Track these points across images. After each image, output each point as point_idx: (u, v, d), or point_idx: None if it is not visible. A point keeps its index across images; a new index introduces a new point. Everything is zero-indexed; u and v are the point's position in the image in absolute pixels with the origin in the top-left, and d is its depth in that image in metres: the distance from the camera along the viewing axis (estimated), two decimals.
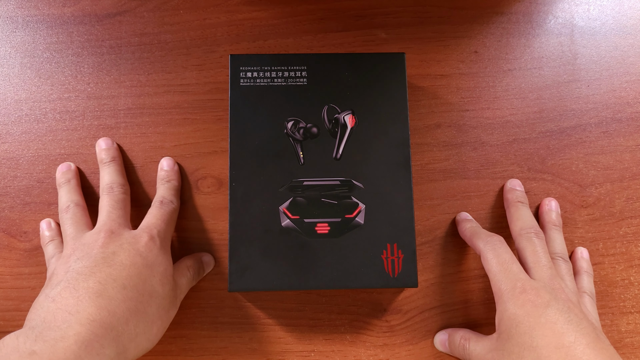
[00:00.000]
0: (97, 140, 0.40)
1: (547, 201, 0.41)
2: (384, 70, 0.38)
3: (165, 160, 0.40)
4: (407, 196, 0.37)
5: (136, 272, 0.32)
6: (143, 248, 0.34)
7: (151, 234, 0.35)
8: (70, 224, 0.36)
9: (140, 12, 0.44)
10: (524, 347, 0.31)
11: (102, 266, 0.32)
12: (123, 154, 0.41)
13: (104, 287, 0.31)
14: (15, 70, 0.42)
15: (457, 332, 0.38)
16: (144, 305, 0.32)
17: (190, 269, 0.38)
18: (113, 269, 0.32)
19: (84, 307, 0.29)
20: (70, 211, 0.37)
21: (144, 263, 0.33)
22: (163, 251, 0.35)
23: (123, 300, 0.31)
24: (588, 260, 0.40)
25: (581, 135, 0.43)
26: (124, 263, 0.32)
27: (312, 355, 0.39)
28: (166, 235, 0.36)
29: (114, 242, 0.34)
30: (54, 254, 0.37)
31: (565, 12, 0.45)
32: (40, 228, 0.39)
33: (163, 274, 0.34)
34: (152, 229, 0.36)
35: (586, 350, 0.30)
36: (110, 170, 0.39)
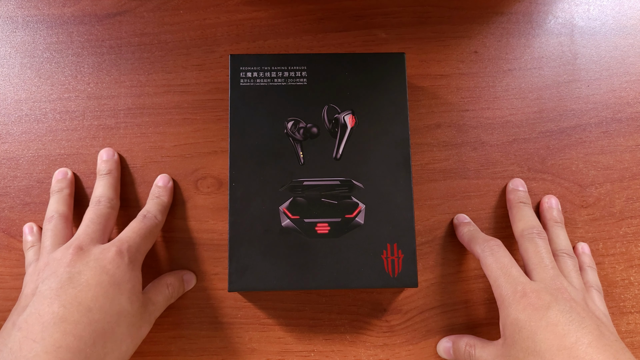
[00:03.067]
0: (100, 150, 0.41)
1: (547, 199, 0.41)
2: (384, 70, 0.38)
3: (161, 177, 0.41)
4: (407, 196, 0.37)
5: (102, 291, 0.32)
6: (110, 265, 0.33)
7: (120, 248, 0.34)
8: (49, 236, 0.36)
9: (140, 12, 0.44)
10: (527, 352, 0.31)
11: (67, 287, 0.31)
12: (123, 154, 0.41)
13: (69, 311, 0.30)
14: (15, 70, 0.42)
15: (462, 339, 0.37)
16: (111, 325, 0.31)
17: (170, 286, 0.38)
18: (78, 290, 0.31)
19: (49, 333, 0.29)
20: (52, 222, 0.37)
21: (110, 281, 0.32)
22: (131, 267, 0.34)
23: (89, 323, 0.30)
24: (590, 254, 0.40)
25: (581, 135, 0.43)
26: (90, 283, 0.32)
27: (312, 355, 0.39)
28: (138, 250, 0.35)
29: (81, 260, 0.33)
30: (32, 262, 0.37)
31: (565, 12, 0.45)
32: (23, 232, 0.39)
33: (131, 291, 0.33)
34: (124, 243, 0.35)
35: (588, 350, 0.30)
36: (103, 183, 0.39)
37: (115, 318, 0.32)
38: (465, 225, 0.40)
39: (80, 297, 0.31)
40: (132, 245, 0.35)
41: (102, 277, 0.32)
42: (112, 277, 0.33)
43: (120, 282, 0.33)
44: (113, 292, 0.32)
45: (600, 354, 0.30)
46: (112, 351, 0.31)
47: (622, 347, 0.31)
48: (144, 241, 0.36)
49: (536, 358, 0.31)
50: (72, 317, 0.30)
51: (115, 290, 0.32)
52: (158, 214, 0.38)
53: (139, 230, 0.36)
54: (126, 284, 0.33)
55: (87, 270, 0.32)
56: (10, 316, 0.32)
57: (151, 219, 0.38)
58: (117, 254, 0.34)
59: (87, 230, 0.36)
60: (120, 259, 0.34)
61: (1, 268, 0.40)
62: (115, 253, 0.34)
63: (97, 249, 0.34)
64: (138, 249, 0.35)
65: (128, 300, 0.33)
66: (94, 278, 0.32)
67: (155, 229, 0.38)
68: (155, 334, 0.39)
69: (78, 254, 0.34)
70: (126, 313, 0.32)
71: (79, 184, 0.41)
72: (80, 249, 0.34)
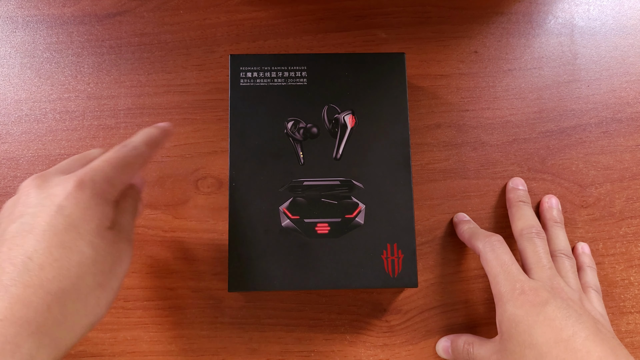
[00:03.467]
0: None
1: (547, 198, 0.41)
2: (384, 70, 0.38)
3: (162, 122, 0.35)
4: (407, 196, 0.37)
5: (56, 241, 0.26)
6: (66, 201, 0.27)
7: (81, 179, 0.28)
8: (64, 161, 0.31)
9: (140, 12, 0.44)
10: (524, 345, 0.31)
11: (19, 237, 0.26)
12: None
13: (18, 272, 0.25)
14: (15, 70, 0.42)
15: (460, 338, 0.38)
16: (70, 280, 0.26)
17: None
18: (28, 240, 0.26)
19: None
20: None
21: (65, 224, 0.26)
22: (95, 201, 0.28)
23: (40, 285, 0.25)
24: (590, 255, 0.40)
25: (581, 135, 0.43)
26: (43, 230, 0.26)
27: (312, 355, 0.39)
28: (107, 180, 0.29)
29: (37, 195, 0.28)
30: None
31: (565, 12, 0.45)
32: None
33: (94, 232, 0.27)
34: (87, 173, 0.28)
35: (585, 343, 0.30)
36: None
37: (75, 271, 0.26)
38: (465, 223, 0.40)
39: (31, 251, 0.26)
40: (97, 174, 0.28)
41: (57, 221, 0.26)
42: (68, 218, 0.27)
43: (79, 223, 0.27)
44: (70, 238, 0.26)
45: (597, 346, 0.30)
46: (76, 311, 0.26)
47: (619, 344, 0.31)
48: (115, 171, 0.29)
49: (532, 351, 0.31)
50: (21, 280, 0.25)
51: (72, 235, 0.27)
52: (141, 144, 0.32)
53: (110, 159, 0.30)
54: (87, 225, 0.27)
55: (41, 212, 0.27)
56: None
57: (130, 148, 0.31)
58: (76, 186, 0.27)
59: (66, 161, 0.31)
60: (81, 192, 0.27)
61: None
62: (74, 186, 0.27)
63: (56, 179, 0.28)
64: (106, 179, 0.29)
65: (89, 245, 0.27)
66: (46, 222, 0.26)
67: (134, 160, 0.31)
68: (155, 333, 0.39)
69: (37, 184, 0.28)
70: (89, 261, 0.27)
71: None
72: (41, 178, 0.29)
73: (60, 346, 0.26)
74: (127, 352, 0.38)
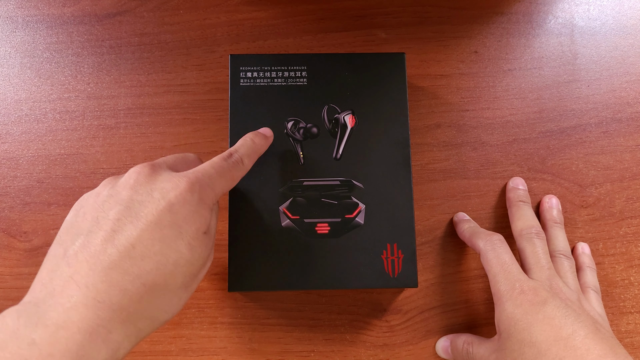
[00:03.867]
0: None
1: (548, 199, 0.41)
2: (384, 70, 0.38)
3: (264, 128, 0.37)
4: (407, 196, 0.37)
5: (160, 235, 0.27)
6: (176, 200, 0.27)
7: (193, 182, 0.28)
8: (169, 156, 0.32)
9: (140, 12, 0.44)
10: (523, 343, 0.31)
11: (124, 221, 0.27)
12: (123, 154, 0.41)
13: (120, 257, 0.26)
14: (15, 70, 0.42)
15: (460, 337, 0.38)
16: (164, 277, 0.26)
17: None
18: (134, 227, 0.26)
19: (93, 282, 0.25)
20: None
21: (171, 222, 0.27)
22: (200, 206, 0.28)
23: (138, 275, 0.26)
24: (590, 255, 0.40)
25: (581, 135, 0.43)
26: (149, 221, 0.27)
27: (312, 355, 0.39)
28: (212, 188, 0.30)
29: (147, 185, 0.28)
30: None
31: (565, 12, 0.45)
32: None
33: (194, 235, 0.28)
34: (198, 176, 0.29)
35: (585, 341, 0.30)
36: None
37: (170, 269, 0.27)
38: (466, 222, 0.40)
39: (135, 239, 0.26)
40: (206, 180, 0.29)
41: (164, 216, 0.27)
42: (175, 216, 0.27)
43: (183, 224, 0.27)
44: (172, 236, 0.27)
45: (597, 345, 0.30)
46: (161, 307, 0.27)
47: (618, 343, 0.31)
48: (221, 181, 0.30)
49: (532, 349, 0.31)
50: (122, 265, 0.25)
51: (174, 233, 0.27)
52: (246, 157, 0.33)
53: (219, 168, 0.31)
54: (189, 227, 0.28)
55: (149, 203, 0.27)
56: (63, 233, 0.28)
57: (236, 161, 0.32)
58: (188, 188, 0.28)
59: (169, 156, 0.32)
60: (190, 194, 0.28)
61: (1, 268, 0.40)
62: (186, 187, 0.28)
63: (167, 175, 0.29)
64: (212, 187, 0.30)
65: (187, 246, 0.27)
66: (154, 214, 0.27)
67: (237, 173, 0.32)
68: (155, 333, 0.39)
69: (146, 172, 0.29)
70: (184, 262, 0.27)
71: (79, 183, 0.41)
72: (150, 167, 0.29)
73: (139, 338, 0.27)
74: None
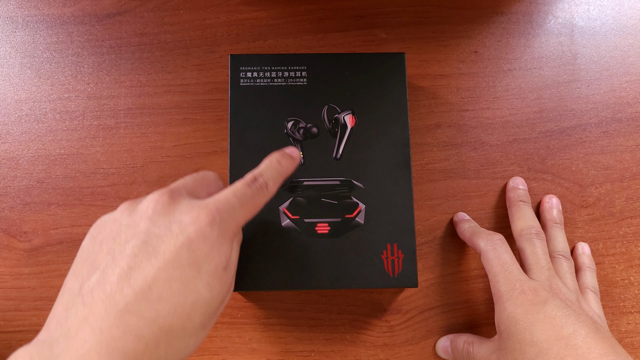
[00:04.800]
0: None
1: (548, 199, 0.41)
2: (384, 70, 0.38)
3: (291, 147, 0.34)
4: (407, 196, 0.37)
5: (178, 274, 0.25)
6: (196, 236, 0.26)
7: (214, 215, 0.26)
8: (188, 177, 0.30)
9: (140, 12, 0.44)
10: (524, 343, 0.31)
11: (141, 258, 0.25)
12: (123, 154, 0.41)
13: (136, 299, 0.24)
14: (15, 70, 0.42)
15: (460, 337, 0.38)
16: (182, 320, 0.25)
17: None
18: (151, 265, 0.25)
19: (108, 326, 0.23)
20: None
21: (190, 260, 0.25)
22: (220, 241, 0.27)
23: (154, 319, 0.24)
24: (590, 255, 0.40)
25: (581, 135, 0.43)
26: (167, 258, 0.25)
27: (312, 355, 0.39)
28: (234, 220, 0.28)
29: (165, 216, 0.26)
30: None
31: (565, 12, 0.45)
32: None
33: (213, 273, 0.26)
34: (219, 208, 0.27)
35: (586, 340, 0.30)
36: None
37: (188, 310, 0.25)
38: (466, 222, 0.40)
39: (152, 280, 0.24)
40: (228, 212, 0.27)
41: (182, 254, 0.25)
42: (194, 253, 0.26)
43: (202, 261, 0.26)
44: (191, 275, 0.25)
45: (598, 344, 0.30)
46: (177, 350, 0.25)
47: (618, 343, 0.31)
48: (243, 210, 0.28)
49: (533, 348, 0.31)
50: (138, 308, 0.24)
51: (194, 272, 0.25)
52: (271, 182, 0.30)
53: (242, 195, 0.28)
54: (208, 265, 0.26)
55: (168, 237, 0.26)
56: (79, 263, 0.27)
57: (261, 186, 0.30)
58: (208, 222, 0.26)
59: (186, 179, 0.30)
60: (210, 229, 0.26)
61: (1, 268, 0.40)
62: (206, 221, 0.26)
63: (186, 204, 0.27)
64: (234, 219, 0.28)
65: (206, 286, 0.26)
66: (173, 252, 0.25)
67: (261, 200, 0.30)
68: None
69: (164, 202, 0.27)
70: (202, 302, 0.26)
71: (79, 183, 0.41)
72: (171, 197, 0.27)
73: None
74: None
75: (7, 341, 0.39)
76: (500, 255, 0.35)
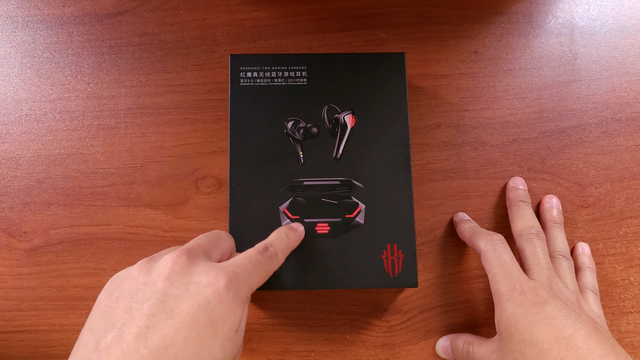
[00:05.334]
0: None
1: (548, 199, 0.41)
2: (384, 70, 0.38)
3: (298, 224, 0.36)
4: (407, 196, 0.37)
5: (195, 335, 0.25)
6: (213, 297, 0.27)
7: (231, 278, 0.28)
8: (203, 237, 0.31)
9: (140, 12, 0.44)
10: (524, 343, 0.31)
11: (158, 318, 0.25)
12: (123, 154, 0.41)
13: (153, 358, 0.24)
14: (15, 70, 0.42)
15: (460, 337, 0.38)
16: None
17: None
18: (168, 326, 0.25)
19: None
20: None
21: (207, 321, 0.26)
22: (235, 304, 0.28)
23: None
24: (590, 255, 0.40)
25: (581, 135, 0.43)
26: (184, 319, 0.26)
27: (312, 355, 0.39)
28: (248, 285, 0.29)
29: (183, 277, 0.27)
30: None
31: (565, 12, 0.45)
32: None
33: (227, 335, 0.27)
34: (236, 272, 0.28)
35: (587, 340, 0.30)
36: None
37: None
38: (466, 222, 0.40)
39: (169, 340, 0.25)
40: (244, 277, 0.29)
41: (200, 315, 0.26)
42: (210, 315, 0.26)
43: (218, 323, 0.26)
44: (207, 336, 0.26)
45: (598, 344, 0.30)
46: None
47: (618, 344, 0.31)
48: (257, 276, 0.30)
49: (533, 349, 0.31)
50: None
51: (209, 333, 0.26)
52: (280, 252, 0.33)
53: (256, 262, 0.30)
54: (223, 326, 0.27)
55: (185, 298, 0.26)
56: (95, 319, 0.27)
57: (272, 255, 0.32)
58: (225, 285, 0.27)
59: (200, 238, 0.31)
60: (227, 291, 0.27)
61: (1, 268, 0.40)
62: (225, 284, 0.27)
63: (204, 266, 0.28)
64: (248, 284, 0.29)
65: (220, 347, 0.26)
66: (190, 313, 0.26)
67: (271, 268, 0.32)
68: None
69: (181, 262, 0.28)
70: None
71: (79, 183, 0.41)
72: (186, 255, 0.28)
73: None
74: None
75: (7, 341, 0.39)
76: (500, 255, 0.35)
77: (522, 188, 0.41)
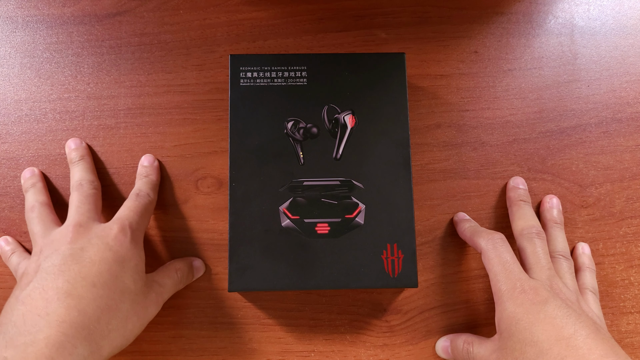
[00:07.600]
0: (67, 142, 0.41)
1: (549, 199, 0.41)
2: (384, 70, 0.38)
3: (145, 156, 0.41)
4: (407, 196, 0.37)
5: (106, 268, 0.32)
6: (113, 241, 0.33)
7: (122, 225, 0.34)
8: (37, 222, 0.36)
9: (140, 12, 0.44)
10: (525, 342, 0.31)
11: (70, 264, 0.31)
12: (123, 154, 0.41)
13: (73, 286, 0.30)
14: (15, 70, 0.42)
15: (460, 337, 0.38)
16: (115, 302, 0.31)
17: (179, 271, 0.38)
18: (82, 266, 0.31)
19: (53, 308, 0.29)
20: (35, 210, 0.37)
21: (114, 258, 0.32)
22: (134, 244, 0.34)
23: (93, 299, 0.30)
24: (590, 255, 0.40)
25: (581, 135, 0.43)
26: (93, 259, 0.32)
27: (312, 355, 0.39)
28: (139, 228, 0.36)
29: (83, 237, 0.33)
30: (20, 261, 0.37)
31: (565, 12, 0.45)
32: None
33: (134, 269, 0.33)
34: (124, 220, 0.35)
35: (587, 341, 0.30)
36: (79, 168, 0.39)
37: (119, 295, 0.32)
38: (466, 221, 0.40)
39: (84, 273, 0.31)
40: (132, 222, 0.35)
41: (106, 254, 0.32)
42: (116, 254, 0.33)
43: (124, 259, 0.33)
44: (117, 269, 0.32)
45: (598, 345, 0.30)
46: (117, 328, 0.31)
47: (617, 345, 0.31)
48: (142, 219, 0.36)
49: (533, 348, 0.31)
50: (76, 292, 0.30)
51: (118, 267, 0.32)
52: (150, 192, 0.39)
53: (135, 208, 0.36)
54: (129, 262, 0.33)
55: (90, 247, 0.33)
56: (13, 293, 0.32)
57: (144, 197, 0.38)
58: (120, 231, 0.34)
59: (79, 210, 0.36)
60: (124, 236, 0.34)
61: (1, 268, 0.40)
62: (118, 230, 0.34)
63: (98, 226, 0.34)
64: (138, 227, 0.36)
65: (131, 279, 0.33)
66: (97, 254, 0.32)
67: (149, 206, 0.38)
68: (155, 333, 0.39)
69: (78, 231, 0.34)
70: (130, 291, 0.32)
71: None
72: (80, 226, 0.34)
73: (102, 357, 0.30)
74: (127, 352, 0.38)
75: None
76: (501, 254, 0.35)
77: (522, 187, 0.41)
